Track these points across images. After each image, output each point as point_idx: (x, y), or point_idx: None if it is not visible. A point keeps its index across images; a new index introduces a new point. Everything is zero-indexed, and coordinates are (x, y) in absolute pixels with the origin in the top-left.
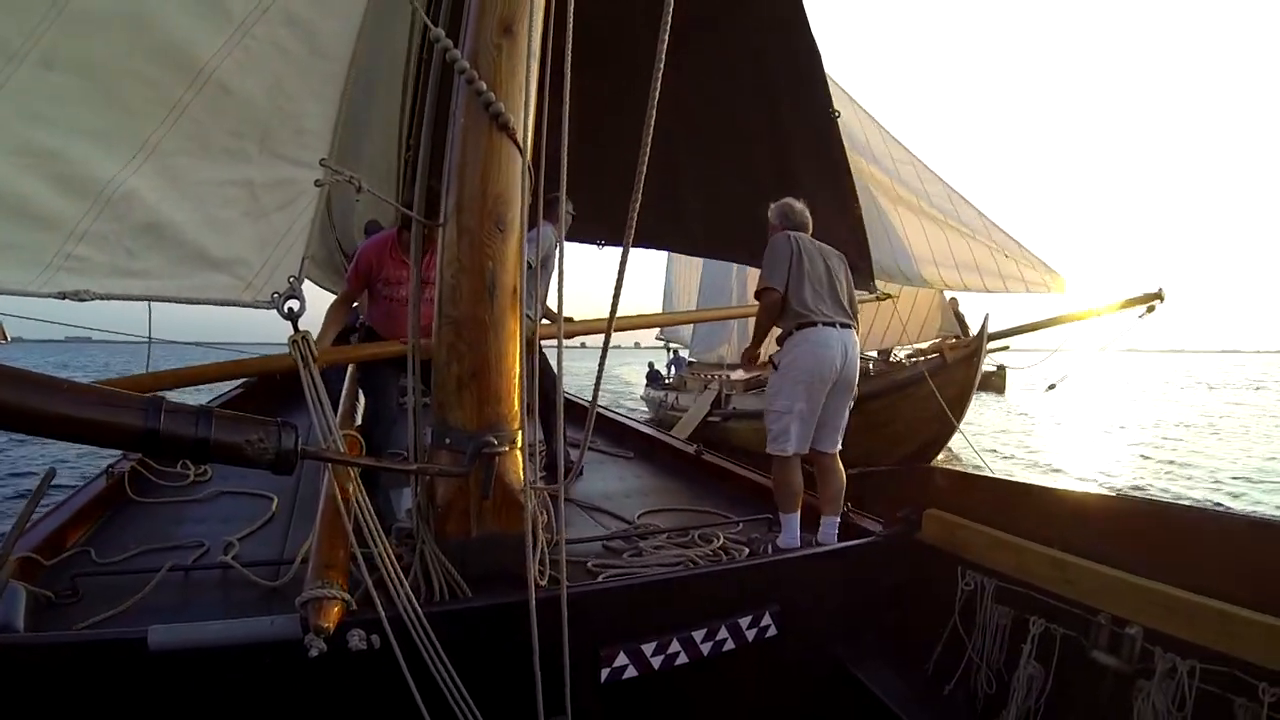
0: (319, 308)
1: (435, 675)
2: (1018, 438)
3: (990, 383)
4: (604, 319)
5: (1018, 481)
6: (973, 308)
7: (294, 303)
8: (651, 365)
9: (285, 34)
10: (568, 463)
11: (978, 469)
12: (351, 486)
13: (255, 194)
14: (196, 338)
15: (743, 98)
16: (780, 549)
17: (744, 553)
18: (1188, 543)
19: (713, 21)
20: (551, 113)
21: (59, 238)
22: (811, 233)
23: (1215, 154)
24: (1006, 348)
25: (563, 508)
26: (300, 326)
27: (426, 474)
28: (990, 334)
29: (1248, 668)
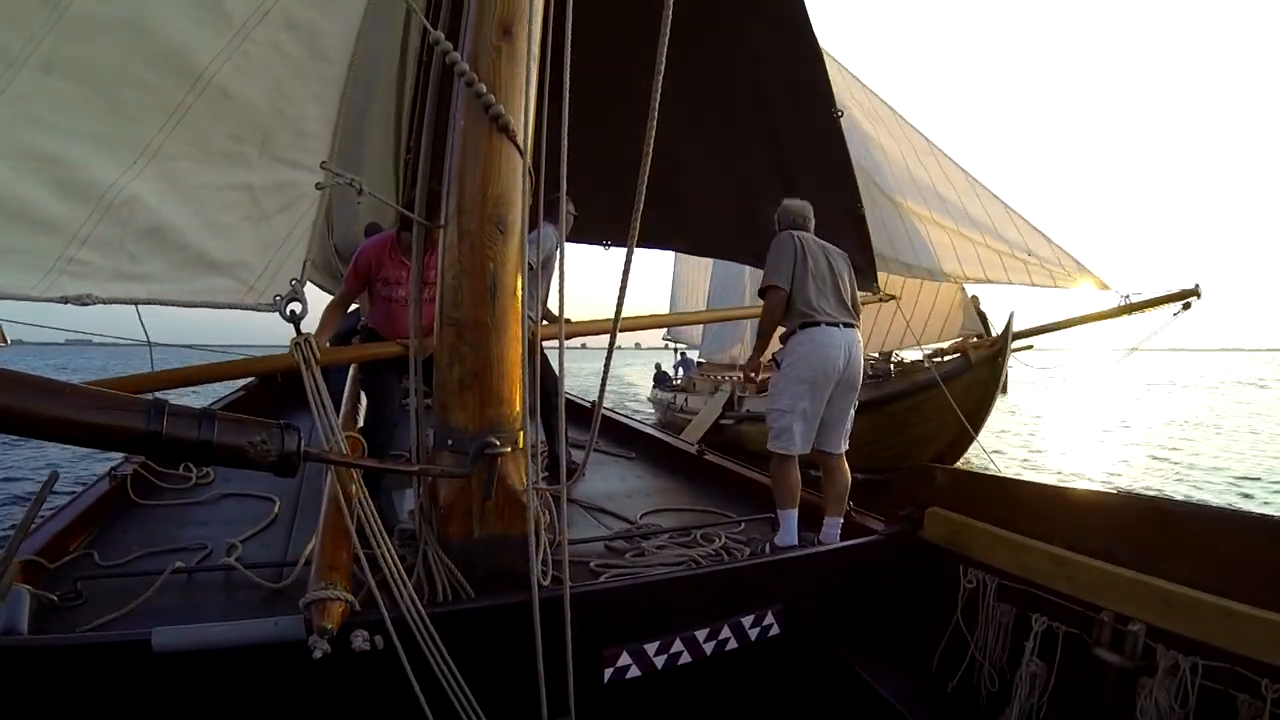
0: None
1: (439, 676)
2: (1023, 438)
3: None
4: (606, 320)
5: (1020, 480)
6: (994, 306)
7: (296, 305)
8: (659, 366)
9: (285, 37)
10: (570, 463)
11: (985, 469)
12: (354, 488)
13: (256, 197)
14: (194, 340)
15: (746, 98)
16: (778, 547)
17: (745, 552)
18: (1190, 540)
19: (715, 22)
20: (551, 114)
21: (61, 242)
22: (814, 230)
23: (1211, 151)
24: (1030, 347)
25: (565, 508)
26: (301, 329)
27: (429, 475)
28: (1014, 333)
29: (1250, 664)
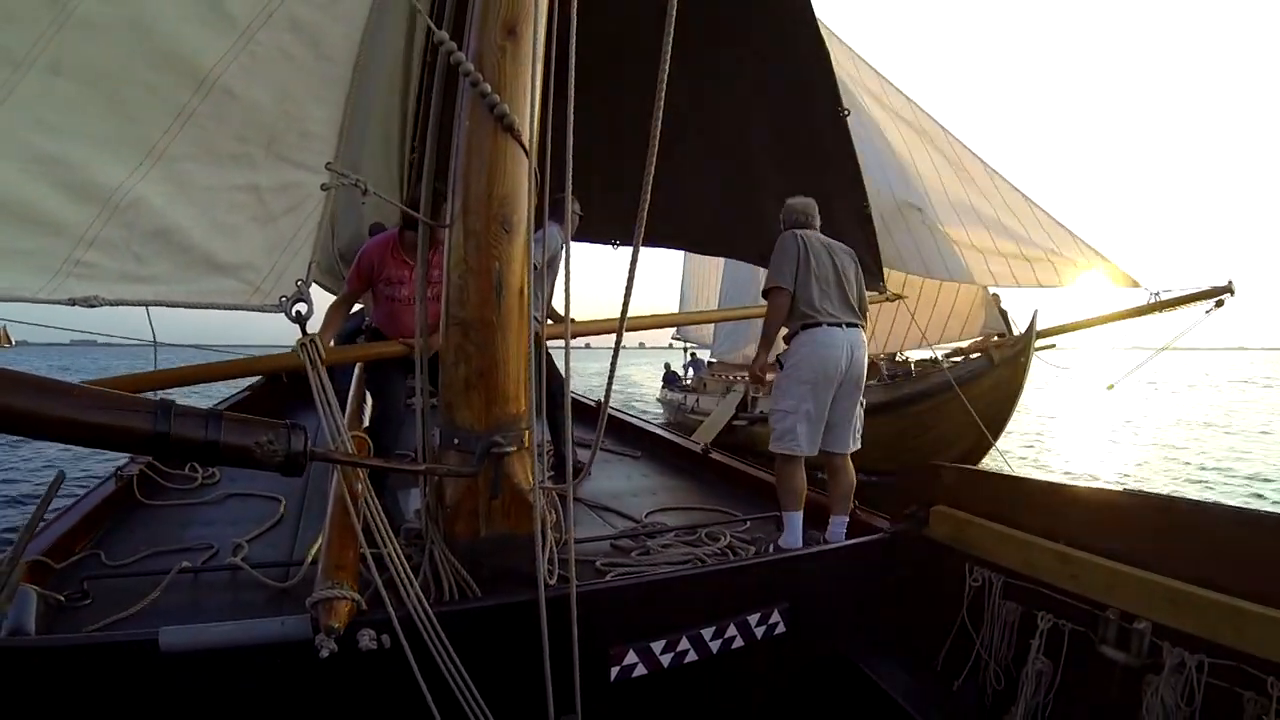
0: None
1: (445, 675)
2: (1029, 438)
3: None
4: (611, 319)
5: (1025, 477)
6: (1017, 304)
7: (301, 306)
8: (668, 366)
9: (290, 39)
10: (576, 462)
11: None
12: (360, 487)
13: (262, 198)
14: (196, 340)
15: (752, 97)
16: (782, 549)
17: (751, 551)
18: (1196, 537)
19: (721, 21)
20: (557, 113)
21: (68, 244)
22: (820, 227)
23: (1213, 147)
24: (1053, 346)
25: (571, 507)
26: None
27: (435, 474)
28: (1037, 331)
29: (1257, 662)
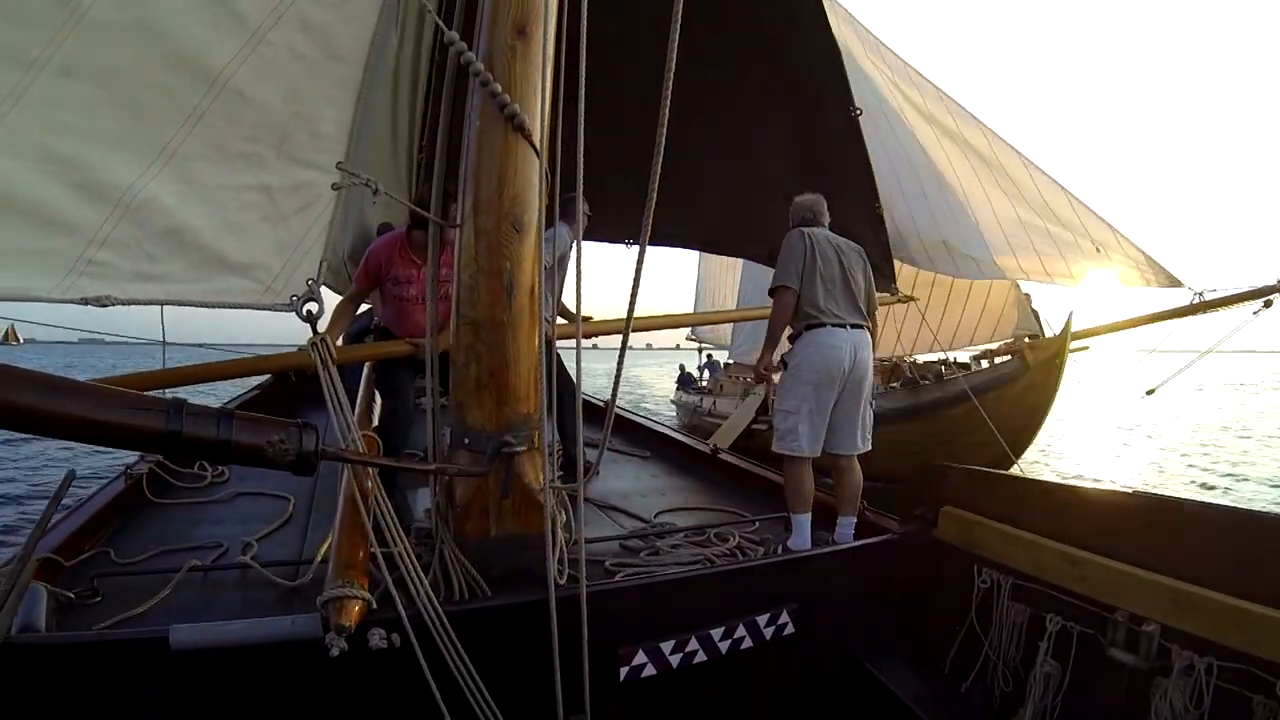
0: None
1: (455, 674)
2: (1045, 441)
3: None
4: (621, 319)
5: (1034, 479)
6: (1048, 304)
7: (312, 305)
8: (683, 368)
9: (300, 39)
10: (585, 462)
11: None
12: (370, 486)
13: (273, 198)
14: (204, 339)
15: (763, 97)
16: (791, 550)
17: (760, 552)
18: (1205, 539)
19: (732, 21)
20: (567, 113)
21: (80, 243)
22: (829, 224)
23: (1251, 140)
24: (1087, 348)
25: (582, 507)
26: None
27: (446, 474)
28: (1073, 333)
29: (1266, 665)
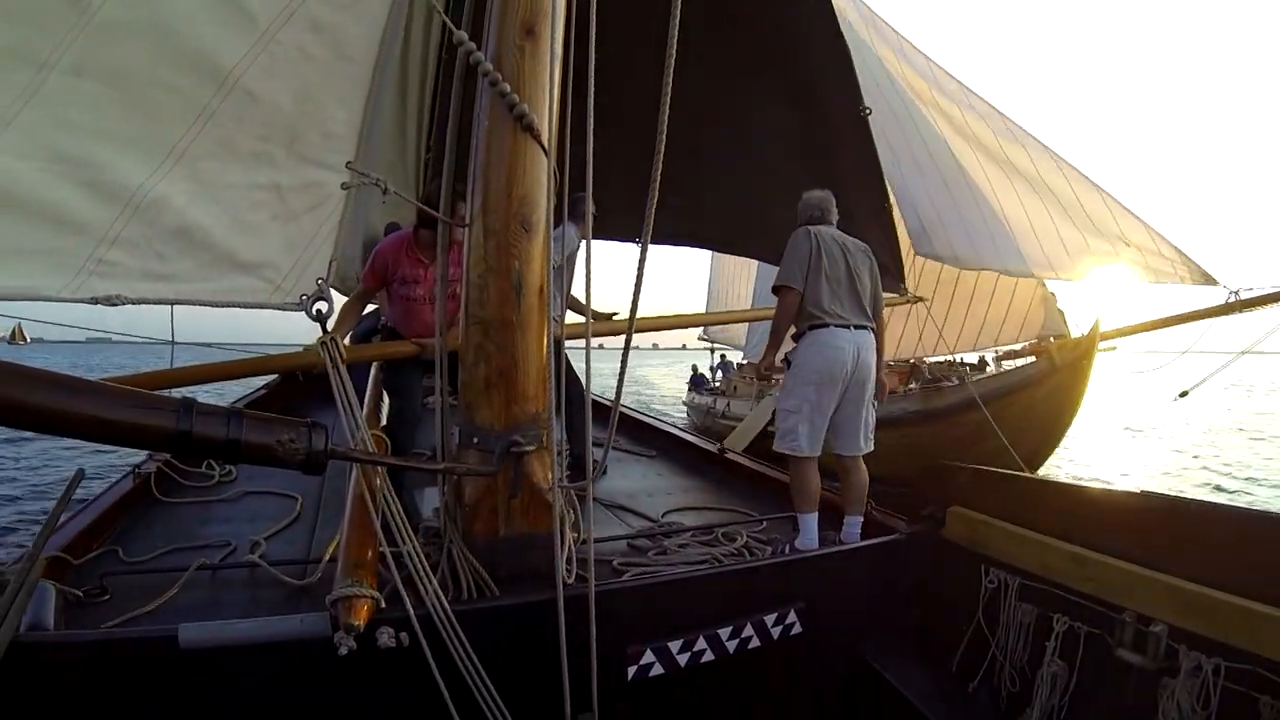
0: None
1: (463, 673)
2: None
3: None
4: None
5: (1042, 478)
6: (1073, 302)
7: (322, 305)
8: (695, 368)
9: (310, 39)
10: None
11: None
12: (379, 485)
13: (283, 197)
14: (210, 338)
15: (773, 95)
16: (798, 550)
17: (767, 551)
18: (1213, 540)
19: (741, 20)
20: (576, 113)
21: (90, 243)
22: (839, 224)
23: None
24: (1114, 349)
25: (591, 506)
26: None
27: (455, 473)
28: (1101, 333)
29: (1273, 666)
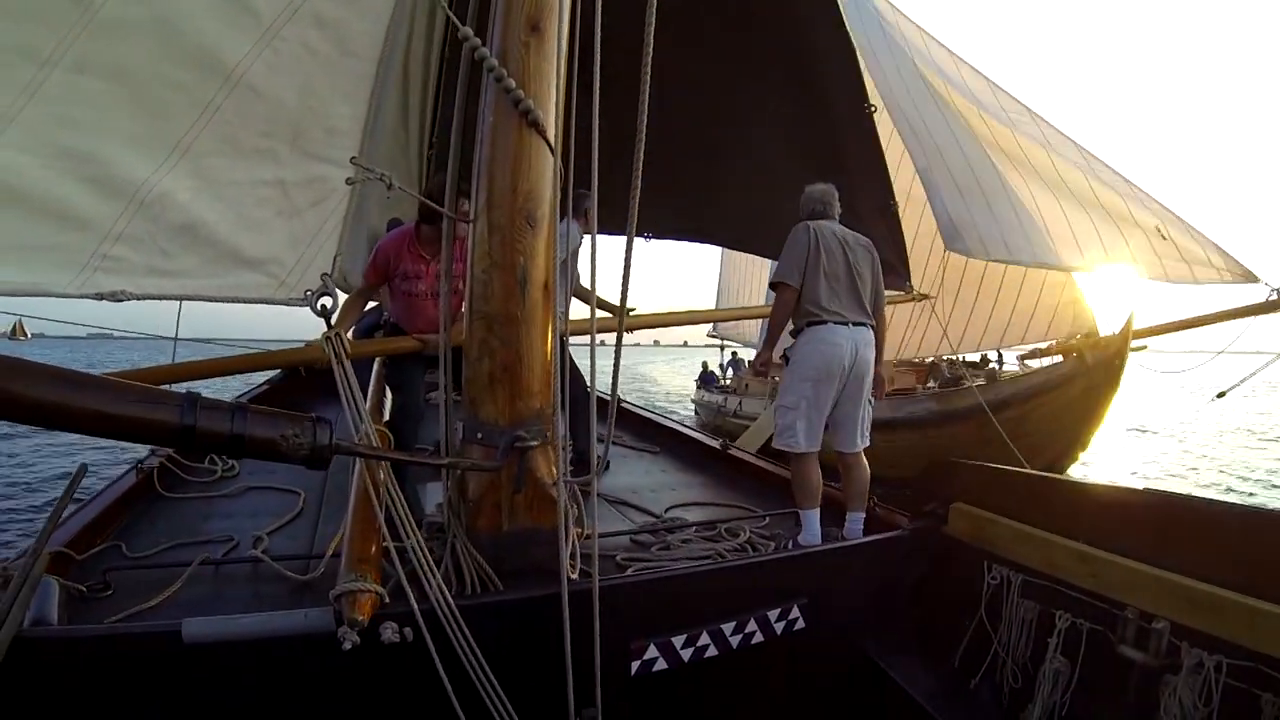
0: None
1: (467, 668)
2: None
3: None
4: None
5: (1045, 475)
6: (1101, 301)
7: (326, 300)
8: (705, 365)
9: (315, 35)
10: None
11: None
12: (382, 480)
13: (287, 193)
14: (210, 335)
15: (780, 93)
16: (801, 546)
17: (770, 547)
18: (1216, 537)
19: (746, 18)
20: (581, 106)
21: (95, 239)
22: (842, 216)
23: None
24: (1145, 348)
25: (595, 501)
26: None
27: (459, 468)
28: (1134, 331)
29: (1275, 663)
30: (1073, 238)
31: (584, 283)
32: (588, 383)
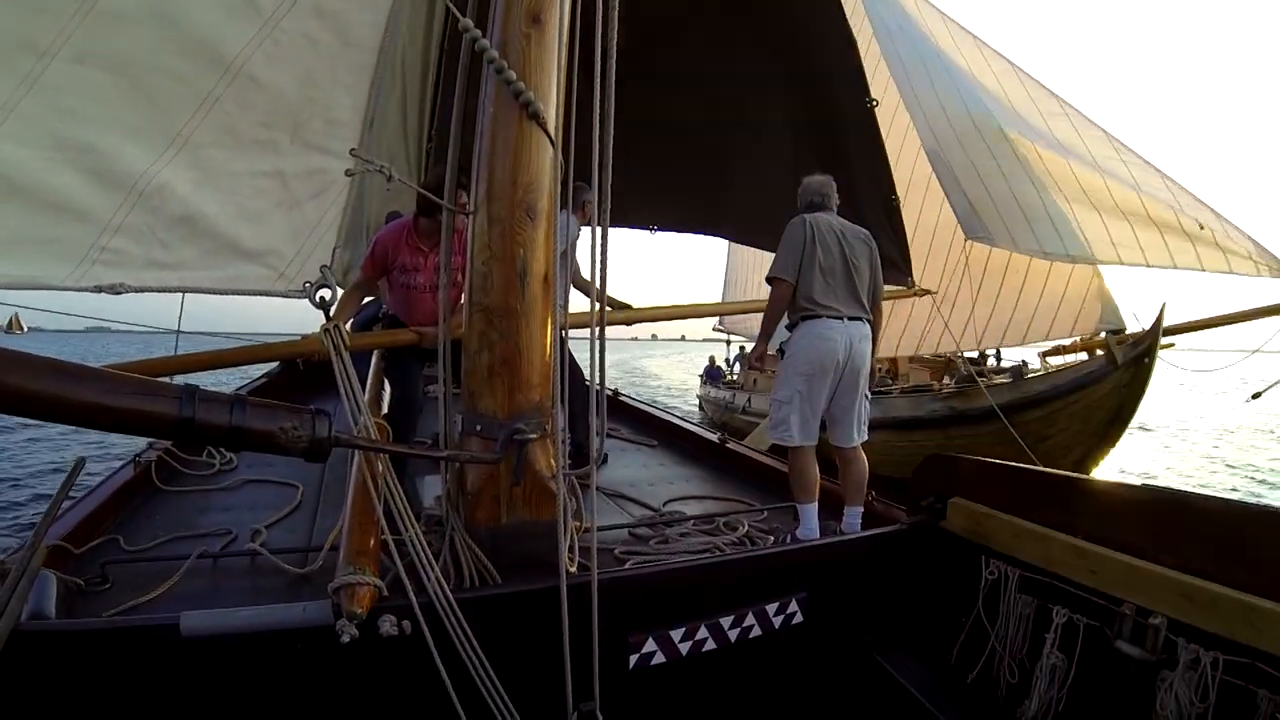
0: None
1: (465, 661)
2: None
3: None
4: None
5: (1043, 470)
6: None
7: (325, 292)
8: (712, 360)
9: (315, 26)
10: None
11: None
12: (381, 473)
13: (287, 184)
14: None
15: (782, 87)
16: (799, 540)
17: (769, 541)
18: (1214, 533)
19: (746, 7)
20: (582, 98)
21: (94, 231)
22: (842, 209)
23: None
24: (1172, 345)
25: (595, 494)
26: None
27: (458, 461)
28: (1164, 328)
29: (1271, 659)
30: (1104, 228)
31: (583, 274)
32: (585, 376)
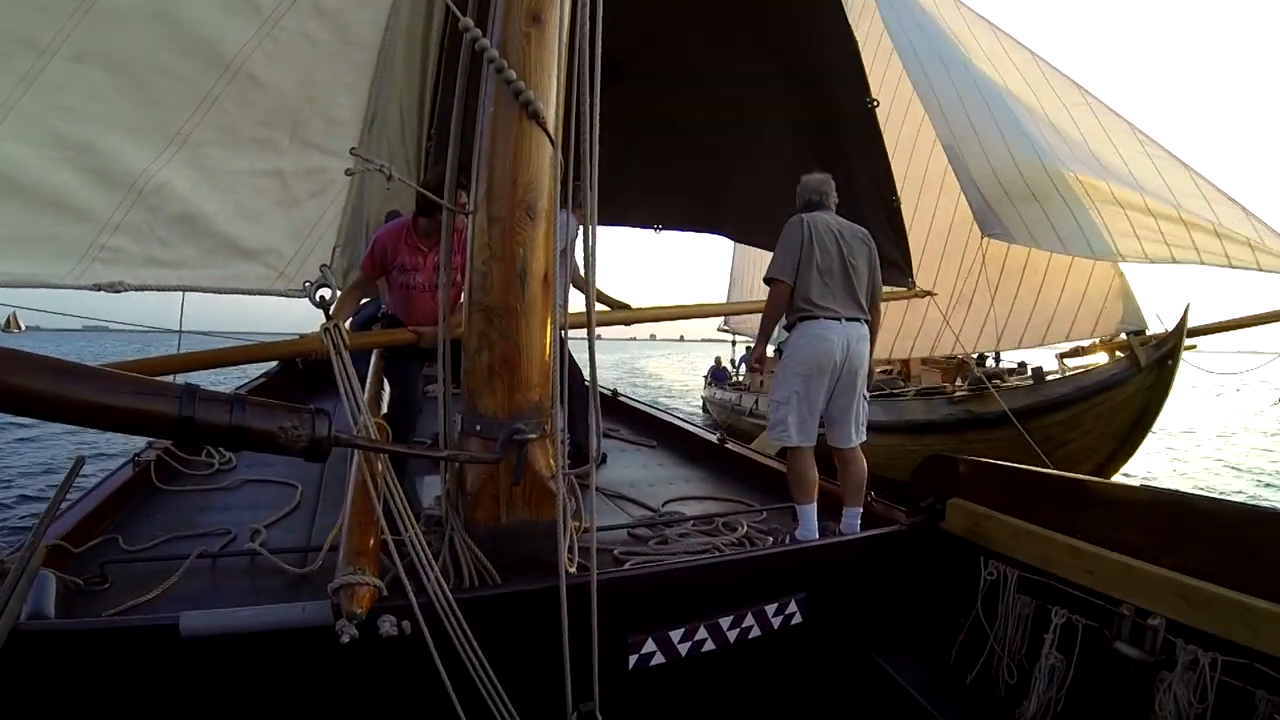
0: None
1: (465, 661)
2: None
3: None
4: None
5: (1042, 471)
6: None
7: (325, 291)
8: (718, 360)
9: (314, 25)
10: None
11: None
12: (380, 473)
13: (286, 183)
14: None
15: (782, 87)
16: (798, 540)
17: (768, 541)
18: (1212, 534)
19: (746, 7)
20: (581, 99)
21: (93, 229)
22: (837, 205)
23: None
24: (1195, 347)
25: (594, 494)
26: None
27: (458, 460)
28: (1189, 329)
29: (1270, 660)
30: (1129, 224)
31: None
32: (585, 376)
